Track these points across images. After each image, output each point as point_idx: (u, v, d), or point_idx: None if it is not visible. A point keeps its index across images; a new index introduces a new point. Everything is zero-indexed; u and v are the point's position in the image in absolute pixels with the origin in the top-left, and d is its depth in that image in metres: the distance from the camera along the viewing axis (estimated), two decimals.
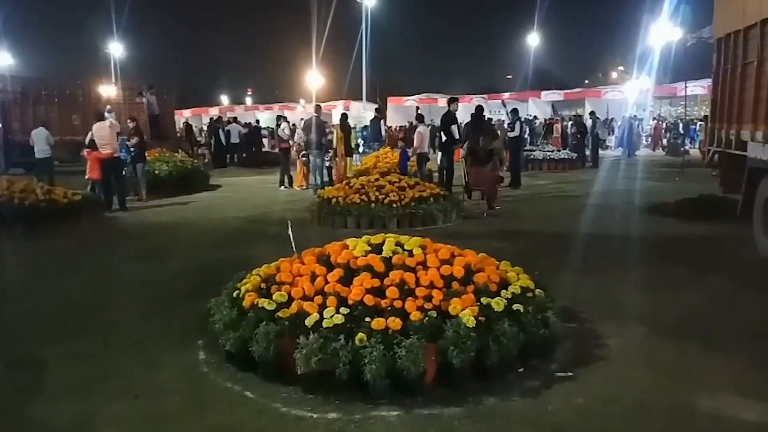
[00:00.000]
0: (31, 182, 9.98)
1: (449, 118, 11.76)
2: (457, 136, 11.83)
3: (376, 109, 23.01)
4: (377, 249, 4.30)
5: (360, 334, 3.48)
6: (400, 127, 31.67)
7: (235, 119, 27.24)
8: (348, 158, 14.09)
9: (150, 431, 3.25)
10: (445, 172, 12.34)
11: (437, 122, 25.99)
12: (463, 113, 15.84)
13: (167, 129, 21.82)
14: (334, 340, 3.46)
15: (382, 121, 28.77)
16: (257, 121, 25.86)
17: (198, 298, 4.99)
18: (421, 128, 13.71)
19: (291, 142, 15.00)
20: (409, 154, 13.42)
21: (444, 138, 11.73)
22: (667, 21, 20.47)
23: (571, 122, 23.54)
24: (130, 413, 3.40)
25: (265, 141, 24.61)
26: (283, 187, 14.38)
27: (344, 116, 14.47)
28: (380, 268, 4.03)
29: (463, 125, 13.75)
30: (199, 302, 4.83)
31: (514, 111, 15.42)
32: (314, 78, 31.21)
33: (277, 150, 17.91)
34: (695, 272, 6.15)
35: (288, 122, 16.67)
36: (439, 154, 13.63)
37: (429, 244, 4.45)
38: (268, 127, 29.89)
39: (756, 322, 4.66)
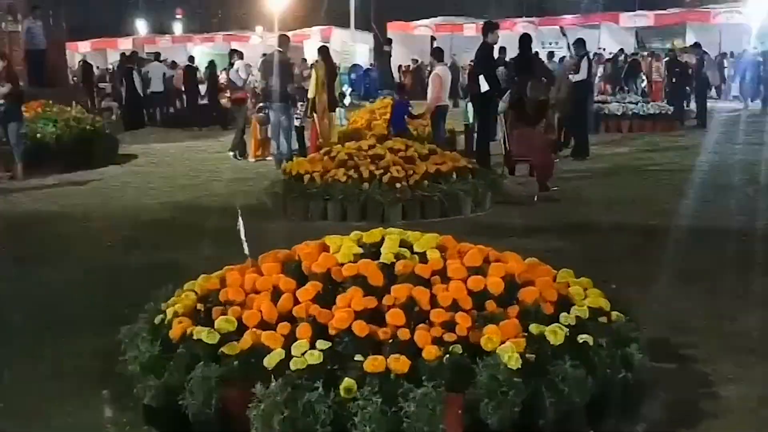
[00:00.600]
0: None
1: (488, 54, 11.66)
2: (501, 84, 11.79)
3: (385, 41, 23.11)
4: (373, 251, 4.29)
5: (347, 381, 3.47)
6: (407, 66, 31.64)
7: (157, 56, 27.18)
8: (331, 114, 14.09)
9: None
10: (475, 135, 12.29)
11: (462, 61, 26.07)
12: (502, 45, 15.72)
13: (55, 71, 21.76)
14: (307, 390, 3.45)
15: (392, 59, 28.78)
16: (191, 59, 25.85)
17: (102, 325, 4.98)
18: (438, 69, 13.68)
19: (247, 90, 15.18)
20: (412, 108, 13.34)
21: (484, 87, 11.52)
22: None
23: (666, 59, 23.46)
24: None
25: (201, 88, 24.74)
26: (234, 155, 14.55)
27: (325, 50, 14.48)
28: (377, 280, 4.02)
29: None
30: (103, 332, 4.81)
31: (580, 42, 15.36)
32: None
33: (224, 101, 18.02)
34: None
35: (243, 61, 16.76)
36: (468, 106, 13.59)
37: (450, 243, 4.45)
38: (209, 67, 29.87)
39: None
